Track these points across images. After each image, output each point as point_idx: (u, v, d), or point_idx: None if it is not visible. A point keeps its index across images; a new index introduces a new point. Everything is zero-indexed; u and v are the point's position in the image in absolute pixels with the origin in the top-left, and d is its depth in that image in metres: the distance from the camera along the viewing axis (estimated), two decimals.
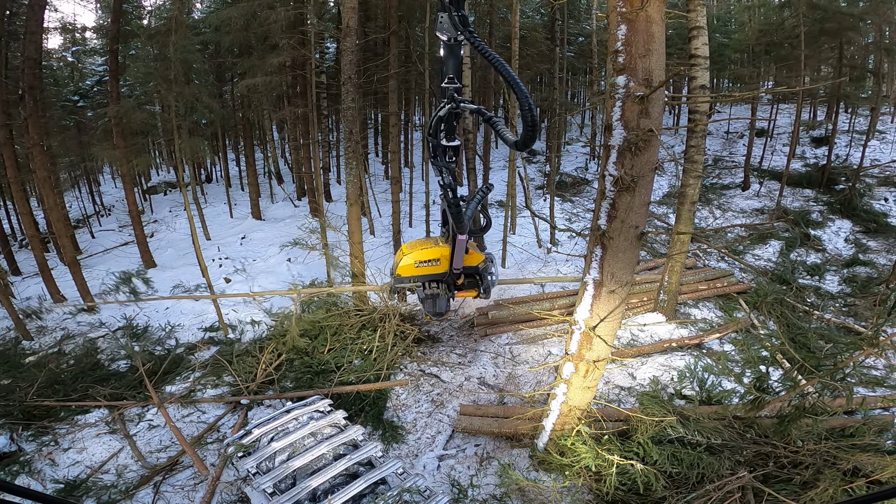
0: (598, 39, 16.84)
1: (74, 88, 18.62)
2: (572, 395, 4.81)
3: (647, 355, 7.57)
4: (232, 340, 9.46)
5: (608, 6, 3.37)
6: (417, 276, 3.50)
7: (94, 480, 6.40)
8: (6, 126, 10.26)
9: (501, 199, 15.04)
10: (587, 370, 4.50)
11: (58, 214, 9.89)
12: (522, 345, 8.38)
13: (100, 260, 13.61)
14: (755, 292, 8.94)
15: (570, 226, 12.13)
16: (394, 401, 7.49)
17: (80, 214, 17.84)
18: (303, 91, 14.93)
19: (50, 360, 9.17)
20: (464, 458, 6.21)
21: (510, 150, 10.55)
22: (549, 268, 10.51)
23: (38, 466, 6.77)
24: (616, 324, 4.10)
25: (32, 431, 7.38)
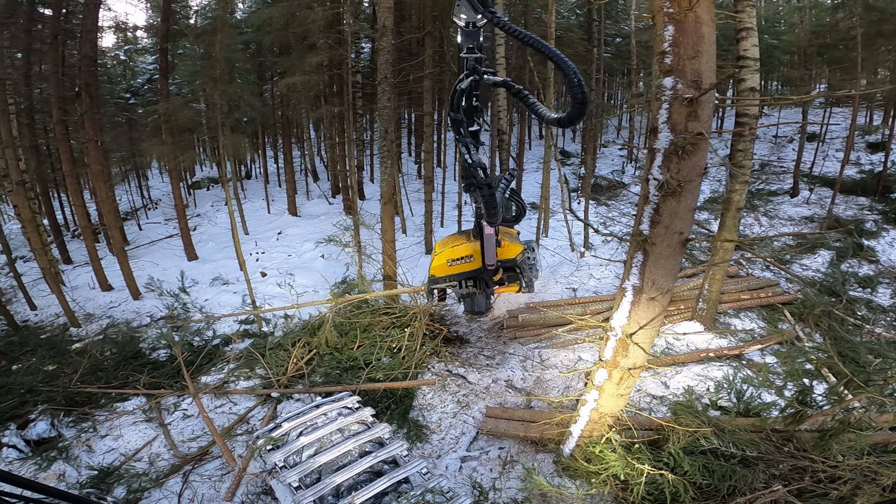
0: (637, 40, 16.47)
1: (126, 86, 19.52)
2: (604, 401, 4.73)
3: (683, 365, 7.35)
4: (265, 333, 9.70)
5: (654, 6, 3.25)
6: (452, 275, 3.36)
7: (126, 468, 6.57)
8: (63, 122, 10.84)
9: (534, 200, 14.89)
10: (621, 377, 4.42)
11: (109, 207, 10.39)
12: (552, 349, 8.25)
13: (146, 251, 14.23)
14: (801, 304, 8.55)
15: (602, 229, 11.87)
16: (420, 400, 7.49)
17: (129, 207, 18.73)
18: (339, 90, 15.20)
19: (94, 347, 9.55)
20: (486, 461, 6.16)
21: (545, 151, 10.42)
22: (581, 272, 10.31)
23: (75, 452, 6.99)
24: (654, 332, 3.98)
25: (73, 417, 7.66)
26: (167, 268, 13.01)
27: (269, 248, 13.76)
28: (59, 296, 10.16)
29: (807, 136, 14.79)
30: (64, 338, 10.19)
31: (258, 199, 18.51)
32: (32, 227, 9.85)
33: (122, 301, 11.28)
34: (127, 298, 11.32)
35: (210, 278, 12.10)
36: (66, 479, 6.50)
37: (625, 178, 15.17)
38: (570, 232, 10.77)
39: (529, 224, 13.05)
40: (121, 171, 19.47)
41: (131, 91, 19.61)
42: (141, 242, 15.00)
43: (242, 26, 16.67)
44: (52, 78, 10.80)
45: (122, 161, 18.73)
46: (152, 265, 13.06)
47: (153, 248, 14.65)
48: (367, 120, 19.13)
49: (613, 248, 11.00)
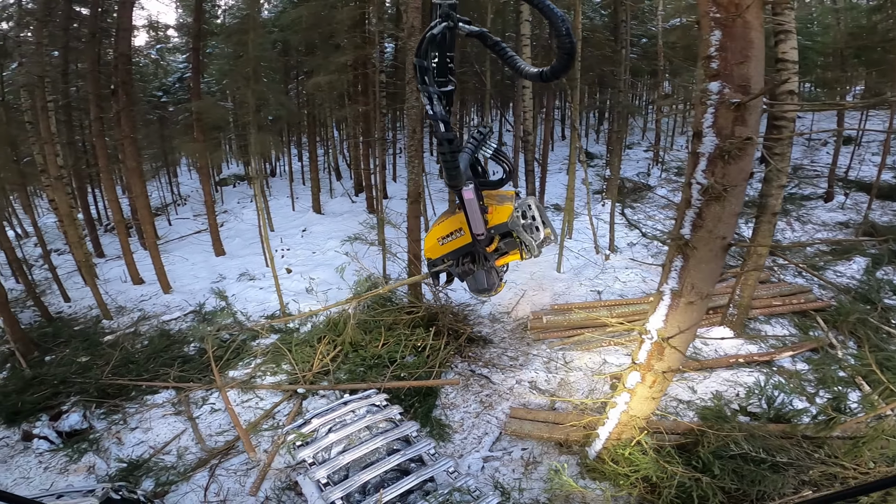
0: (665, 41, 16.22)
1: (158, 84, 20.00)
2: (635, 404, 4.74)
3: (711, 370, 7.28)
4: (291, 329, 9.85)
5: (699, 11, 3.22)
6: (447, 254, 2.97)
7: (155, 461, 6.72)
8: (99, 119, 11.16)
9: (558, 202, 14.79)
10: (654, 381, 4.42)
11: (143, 202, 10.68)
12: (577, 351, 8.21)
13: (176, 246, 14.58)
14: (835, 311, 8.37)
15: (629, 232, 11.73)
16: (443, 399, 7.53)
17: (159, 203, 19.20)
18: (363, 90, 15.33)
19: (126, 339, 9.77)
20: (509, 461, 6.17)
21: (570, 152, 10.34)
22: (606, 275, 10.21)
23: (105, 445, 7.17)
24: (691, 336, 3.96)
25: (104, 409, 7.86)
26: (196, 262, 13.32)
27: (294, 245, 13.96)
28: (93, 288, 10.45)
29: (842, 140, 14.36)
30: (96, 330, 10.48)
31: (283, 196, 18.80)
32: (69, 221, 10.17)
33: (153, 294, 11.57)
34: (157, 292, 11.61)
35: (237, 273, 12.33)
36: (96, 472, 6.68)
37: (650, 180, 14.97)
38: (595, 234, 10.67)
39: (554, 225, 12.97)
40: (152, 167, 19.98)
41: (163, 89, 20.12)
42: (171, 237, 15.38)
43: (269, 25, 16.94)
44: (89, 75, 11.09)
45: (153, 158, 19.22)
46: (182, 260, 13.39)
47: (182, 242, 15.01)
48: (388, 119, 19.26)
49: (639, 251, 10.87)
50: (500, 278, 3.04)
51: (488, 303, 9.85)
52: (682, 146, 17.75)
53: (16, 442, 7.45)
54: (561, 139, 22.07)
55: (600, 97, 23.26)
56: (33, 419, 7.76)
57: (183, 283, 12.07)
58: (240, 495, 6.05)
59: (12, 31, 13.52)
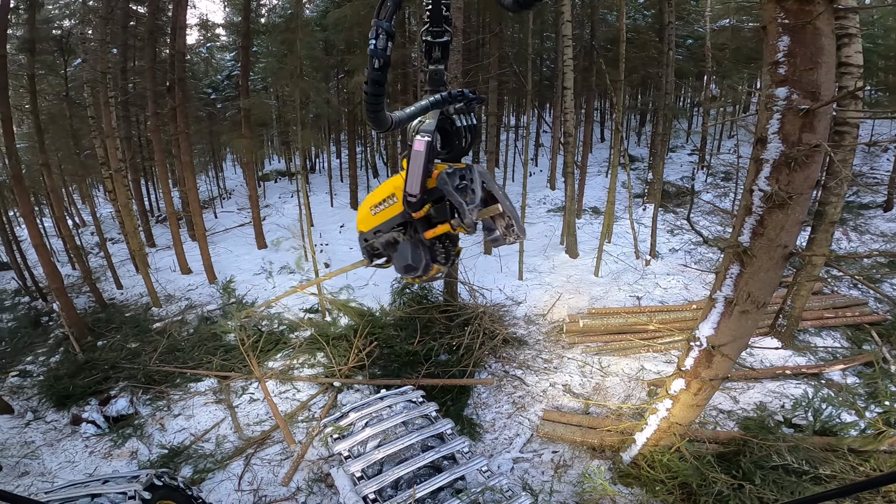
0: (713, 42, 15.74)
1: (208, 82, 20.79)
2: (677, 411, 4.70)
3: (755, 380, 7.10)
4: (328, 323, 10.08)
5: (764, 16, 3.13)
6: (380, 226, 2.48)
7: (195, 448, 6.94)
8: (157, 114, 11.70)
9: (597, 205, 14.57)
10: (699, 388, 4.38)
11: (194, 195, 11.16)
12: (614, 356, 8.10)
13: (221, 238, 15.15)
14: (891, 325, 8.03)
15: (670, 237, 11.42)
16: (475, 398, 7.55)
17: (206, 196, 19.99)
18: (402, 89, 15.49)
19: (173, 327, 10.17)
20: (539, 463, 6.16)
21: (612, 154, 10.19)
22: (646, 280, 9.99)
23: (148, 430, 7.45)
24: (743, 345, 3.91)
25: (150, 396, 8.20)
26: (239, 254, 13.81)
27: (332, 241, 14.28)
28: (145, 277, 10.96)
29: None
30: (146, 317, 10.99)
31: (322, 192, 19.23)
32: (126, 212, 10.73)
33: (200, 284, 12.05)
34: (203, 282, 12.10)
35: (278, 266, 12.71)
36: (139, 457, 6.96)
37: (695, 184, 14.53)
38: (636, 239, 10.45)
39: (592, 228, 12.80)
40: (200, 162, 20.81)
41: (212, 87, 20.89)
42: (216, 230, 15.98)
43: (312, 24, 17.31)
44: (147, 72, 11.61)
45: (201, 153, 20.01)
46: (226, 252, 13.90)
47: (227, 235, 15.58)
48: None
49: (681, 257, 10.59)
50: (433, 259, 2.41)
51: (524, 304, 9.81)
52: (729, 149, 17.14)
53: (64, 426, 7.84)
54: (600, 141, 21.70)
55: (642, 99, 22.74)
56: (83, 403, 8.15)
57: (227, 273, 12.52)
58: (272, 485, 6.21)
59: (76, 27, 14.32)
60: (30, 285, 13.27)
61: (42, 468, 7.01)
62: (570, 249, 11.13)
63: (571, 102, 10.76)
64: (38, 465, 7.08)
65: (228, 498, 6.06)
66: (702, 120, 17.39)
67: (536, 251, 11.74)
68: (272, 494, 6.08)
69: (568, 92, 10.52)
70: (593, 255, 10.78)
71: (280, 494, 6.07)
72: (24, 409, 8.44)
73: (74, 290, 12.64)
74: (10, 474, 6.93)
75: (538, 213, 14.64)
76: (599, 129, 22.42)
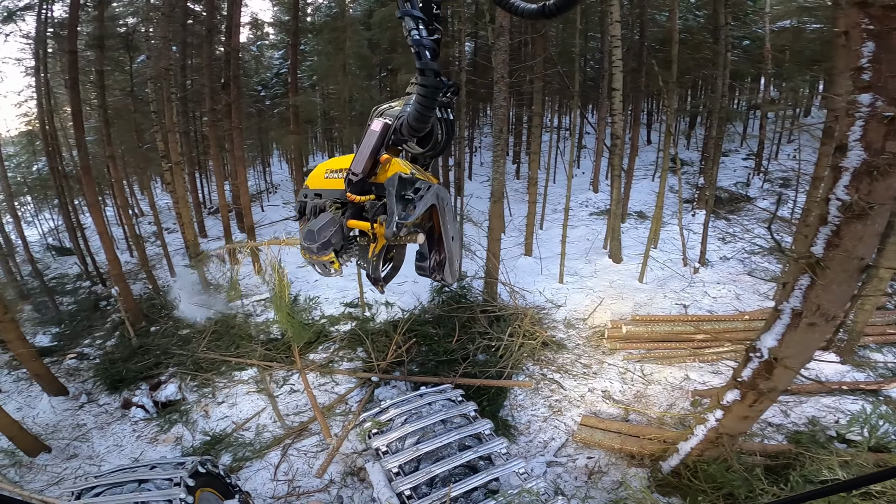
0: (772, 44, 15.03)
1: (258, 80, 21.50)
2: (728, 421, 4.68)
3: (808, 394, 6.81)
4: (367, 318, 10.22)
5: (845, 21, 2.98)
6: (323, 191, 2.23)
7: (236, 436, 7.15)
8: (213, 110, 12.20)
9: (641, 209, 14.17)
10: (755, 400, 4.35)
11: (245, 189, 11.57)
12: (657, 364, 7.87)
13: (267, 230, 15.64)
14: None
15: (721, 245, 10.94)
16: (511, 400, 7.50)
17: (254, 190, 20.69)
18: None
19: (220, 316, 10.43)
20: (573, 468, 6.10)
21: (663, 158, 9.86)
22: (694, 289, 9.63)
23: (193, 417, 7.71)
24: (807, 358, 3.82)
25: (197, 382, 8.48)
26: (284, 248, 14.21)
27: None
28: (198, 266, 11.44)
29: None
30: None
31: None
32: (184, 203, 11.24)
33: (247, 275, 12.48)
34: (251, 272, 12.53)
35: None
36: (182, 443, 7.21)
37: (750, 190, 13.89)
38: (685, 245, 10.09)
39: (637, 233, 12.47)
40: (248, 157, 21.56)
41: (261, 84, 21.59)
42: (263, 223, 16.52)
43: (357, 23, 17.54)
44: (205, 69, 12.12)
45: (250, 148, 20.74)
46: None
47: (272, 228, 16.08)
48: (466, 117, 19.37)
49: (734, 265, 10.14)
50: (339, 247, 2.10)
51: (564, 308, 9.66)
52: (788, 155, 16.29)
53: (115, 409, 8.23)
54: (646, 143, 21.09)
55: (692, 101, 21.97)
56: (134, 388, 8.54)
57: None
58: (306, 477, 6.34)
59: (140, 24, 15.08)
60: (91, 270, 14.11)
61: (91, 451, 7.34)
62: (613, 254, 10.87)
63: (620, 104, 10.49)
64: (87, 447, 7.42)
65: (264, 487, 6.23)
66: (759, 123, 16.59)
67: (578, 255, 11.53)
68: (306, 485, 6.22)
69: (616, 93, 10.27)
70: (638, 261, 10.49)
71: (313, 486, 6.21)
72: (78, 392, 8.87)
73: (131, 276, 13.33)
74: (59, 456, 7.25)
75: (580, 215, 14.38)
76: (646, 131, 21.80)
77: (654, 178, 16.65)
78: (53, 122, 13.62)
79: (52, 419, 8.15)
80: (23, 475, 6.96)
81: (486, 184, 18.53)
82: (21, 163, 21.13)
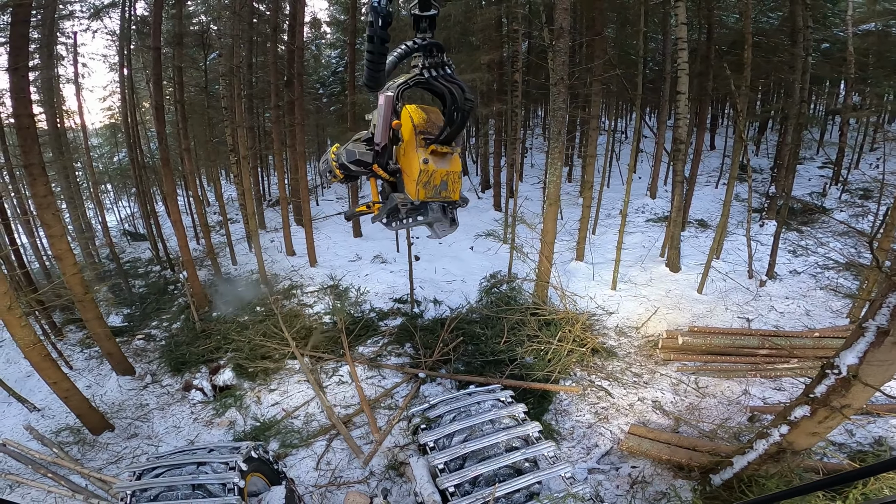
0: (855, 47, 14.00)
1: (316, 78, 22.25)
2: (793, 437, 4.60)
3: (878, 414, 6.41)
4: (416, 314, 10.36)
5: None
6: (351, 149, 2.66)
7: (285, 424, 7.35)
8: (277, 107, 12.73)
9: (703, 217, 13.57)
10: (826, 416, 4.28)
11: (304, 184, 12.02)
12: (714, 378, 7.56)
13: (322, 224, 16.17)
14: None
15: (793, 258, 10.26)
16: (556, 405, 7.41)
17: (310, 185, 21.44)
18: (499, 88, 15.45)
19: (277, 304, 10.79)
20: (614, 476, 5.99)
21: (731, 165, 9.39)
22: (759, 302, 9.11)
23: (246, 402, 7.97)
24: (888, 377, 3.67)
25: (252, 369, 8.69)
26: (337, 241, 14.66)
27: (422, 234, 14.65)
28: (258, 256, 11.96)
29: None
30: (256, 293, 11.81)
31: None
32: (249, 196, 11.82)
33: (301, 266, 12.95)
34: (305, 264, 12.99)
35: (371, 255, 13.30)
36: (235, 427, 7.47)
37: (826, 201, 12.98)
38: (751, 257, 9.56)
39: (698, 242, 11.94)
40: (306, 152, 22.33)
41: (320, 82, 22.33)
42: (317, 216, 17.10)
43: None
44: (271, 67, 12.63)
45: (308, 144, 21.48)
46: (326, 238, 14.82)
47: (327, 222, 16.61)
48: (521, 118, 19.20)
49: (805, 280, 9.51)
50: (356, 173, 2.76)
51: (616, 315, 9.42)
52: (871, 164, 15.10)
53: (176, 391, 8.60)
54: (710, 149, 20.15)
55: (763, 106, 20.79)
56: (195, 371, 8.92)
57: (325, 258, 13.35)
58: (348, 469, 6.46)
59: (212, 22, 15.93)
60: (161, 256, 15.08)
61: (150, 431, 7.69)
62: (671, 262, 10.46)
63: (685, 108, 10.09)
64: (147, 427, 7.78)
65: (307, 475, 6.40)
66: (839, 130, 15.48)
67: (633, 262, 11.19)
68: (347, 476, 6.36)
69: (682, 97, 9.89)
70: (697, 271, 10.05)
71: (354, 477, 6.33)
72: (144, 372, 9.35)
73: (196, 263, 14.12)
74: (121, 435, 7.62)
75: (636, 222, 13.94)
76: (710, 136, 20.84)
77: (718, 186, 15.89)
78: (135, 115, 14.64)
79: (117, 398, 8.55)
80: (84, 453, 7.26)
81: (536, 185, 18.31)
82: (104, 153, 22.92)
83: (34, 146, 7.11)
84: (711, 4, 13.75)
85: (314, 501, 6.01)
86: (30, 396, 8.50)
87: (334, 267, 12.76)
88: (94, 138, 22.99)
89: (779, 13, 16.26)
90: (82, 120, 16.00)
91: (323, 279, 12.15)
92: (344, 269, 12.62)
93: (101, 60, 21.00)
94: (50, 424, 7.89)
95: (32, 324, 7.57)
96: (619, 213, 12.43)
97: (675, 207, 9.90)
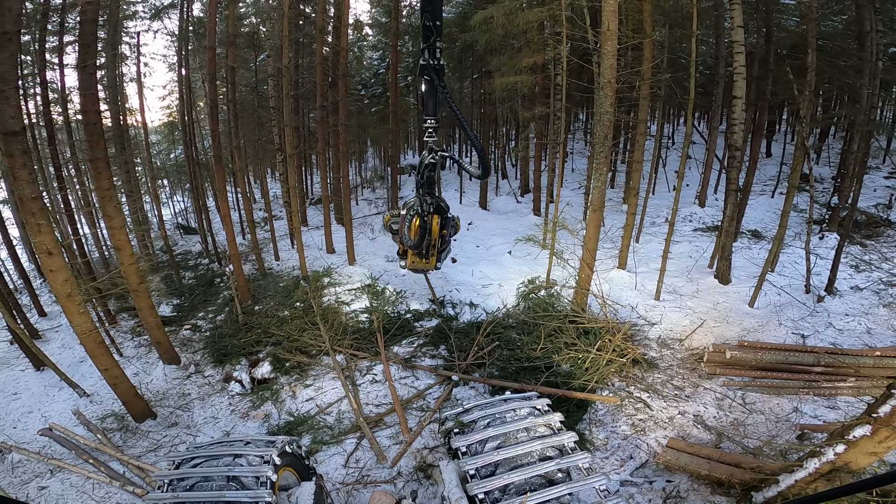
0: None
1: (358, 79, 22.64)
2: (849, 456, 4.47)
3: None
4: (451, 317, 10.32)
5: None
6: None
7: (317, 420, 7.38)
8: (322, 107, 13.01)
9: (756, 228, 12.91)
10: (887, 436, 4.19)
11: (346, 183, 12.22)
12: (762, 394, 7.14)
13: (360, 222, 16.44)
14: None
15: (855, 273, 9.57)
16: (591, 415, 7.21)
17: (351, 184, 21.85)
18: (541, 91, 15.22)
19: (316, 300, 10.89)
20: (648, 491, 5.75)
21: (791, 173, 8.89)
22: (816, 318, 8.55)
23: (282, 396, 8.04)
24: None
25: (289, 364, 8.79)
26: (375, 239, 14.85)
27: (459, 237, 14.56)
28: (300, 252, 12.22)
29: None
30: (296, 289, 12.05)
31: (451, 189, 19.82)
32: (294, 193, 12.13)
33: (341, 264, 13.13)
34: (344, 262, 13.17)
35: None
36: (269, 421, 7.56)
37: (892, 214, 12.07)
38: (810, 271, 8.99)
39: (751, 253, 11.36)
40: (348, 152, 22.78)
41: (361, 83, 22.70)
42: (356, 215, 17.37)
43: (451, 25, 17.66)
44: (317, 68, 12.89)
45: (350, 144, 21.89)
46: (364, 237, 15.04)
47: (364, 221, 16.86)
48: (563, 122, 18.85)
49: (868, 297, 8.87)
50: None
51: (658, 326, 9.08)
52: None
53: (217, 381, 8.77)
54: (765, 157, 19.18)
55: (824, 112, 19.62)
56: (235, 363, 9.08)
57: (363, 257, 13.51)
58: (376, 468, 6.43)
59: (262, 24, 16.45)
60: (210, 249, 15.67)
61: (190, 420, 7.84)
62: (721, 274, 9.99)
63: (742, 114, 9.63)
64: (187, 417, 7.93)
65: (335, 472, 6.41)
66: None
67: (679, 272, 10.76)
68: (374, 475, 6.34)
69: (738, 101, 9.44)
70: (749, 283, 9.55)
71: (381, 476, 6.31)
72: (189, 362, 9.58)
73: (242, 257, 14.56)
74: (162, 424, 7.79)
75: (683, 230, 13.40)
76: (766, 143, 19.85)
77: (774, 195, 15.07)
78: (192, 114, 15.31)
79: (162, 386, 8.77)
80: (126, 440, 7.41)
81: (577, 191, 17.95)
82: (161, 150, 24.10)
83: (100, 142, 7.39)
84: (770, 7, 13.10)
85: (341, 499, 6.04)
86: (81, 382, 8.76)
87: (372, 266, 12.89)
88: (154, 135, 24.12)
89: (843, 17, 15.34)
90: (143, 117, 16.89)
91: (361, 278, 12.26)
92: (381, 269, 12.73)
93: (161, 60, 22.06)
94: (97, 410, 8.12)
95: (89, 311, 7.88)
96: (665, 220, 12.03)
97: (728, 217, 9.45)
